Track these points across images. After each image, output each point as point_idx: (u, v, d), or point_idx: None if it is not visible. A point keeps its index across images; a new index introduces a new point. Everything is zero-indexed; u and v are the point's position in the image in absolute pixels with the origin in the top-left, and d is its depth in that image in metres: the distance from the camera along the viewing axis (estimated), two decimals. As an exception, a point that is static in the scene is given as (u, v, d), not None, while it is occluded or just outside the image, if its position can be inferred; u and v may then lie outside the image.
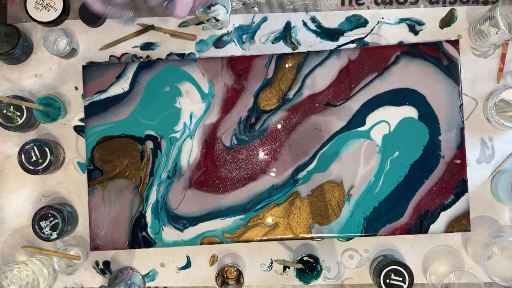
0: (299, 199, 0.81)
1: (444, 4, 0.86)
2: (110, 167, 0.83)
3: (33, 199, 0.87)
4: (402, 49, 0.81)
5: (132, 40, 0.87)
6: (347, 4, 0.86)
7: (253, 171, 0.82)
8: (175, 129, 0.83)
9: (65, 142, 0.87)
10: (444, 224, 0.80)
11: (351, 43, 0.86)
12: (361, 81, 0.81)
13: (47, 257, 0.85)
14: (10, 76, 0.88)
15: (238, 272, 0.83)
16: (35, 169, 0.82)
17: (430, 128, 0.81)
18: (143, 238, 0.82)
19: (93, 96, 0.83)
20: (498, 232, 0.83)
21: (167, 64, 0.83)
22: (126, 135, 0.83)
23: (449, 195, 0.80)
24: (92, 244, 0.82)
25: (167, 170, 0.82)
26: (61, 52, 0.84)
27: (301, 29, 0.86)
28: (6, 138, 0.87)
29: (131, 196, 0.82)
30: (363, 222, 0.80)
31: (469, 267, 0.83)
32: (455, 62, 0.81)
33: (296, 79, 0.82)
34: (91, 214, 0.82)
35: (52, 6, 0.84)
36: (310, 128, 0.82)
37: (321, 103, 0.82)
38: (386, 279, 0.78)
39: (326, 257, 0.85)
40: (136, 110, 0.83)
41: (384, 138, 0.81)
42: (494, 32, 0.77)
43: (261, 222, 0.81)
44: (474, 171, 0.84)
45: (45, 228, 0.81)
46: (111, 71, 0.83)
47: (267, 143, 0.82)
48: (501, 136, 0.84)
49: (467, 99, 0.85)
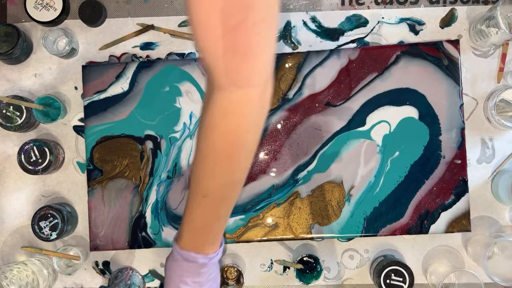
0: (299, 199, 0.81)
1: (444, 4, 0.86)
2: (109, 167, 0.83)
3: (33, 199, 0.87)
4: (403, 49, 0.81)
5: (132, 40, 0.87)
6: (347, 3, 0.86)
7: (253, 171, 0.82)
8: (175, 129, 0.83)
9: (64, 142, 0.87)
10: (444, 224, 0.80)
11: (351, 43, 0.86)
12: (361, 81, 0.81)
13: (47, 257, 0.85)
14: (10, 76, 0.88)
15: (238, 273, 0.83)
16: (34, 169, 0.82)
17: (431, 128, 0.81)
18: (143, 238, 0.82)
19: (92, 96, 0.83)
20: (498, 232, 0.83)
21: (167, 64, 0.83)
22: (126, 135, 0.83)
23: (450, 195, 0.80)
24: (92, 244, 0.82)
25: (167, 170, 0.82)
26: (60, 52, 0.84)
27: (301, 29, 0.86)
28: (5, 138, 0.87)
29: (131, 196, 0.82)
30: (363, 222, 0.80)
31: (470, 267, 0.83)
32: (455, 62, 0.81)
33: (296, 79, 0.82)
34: (91, 214, 0.82)
35: (52, 6, 0.84)
36: (310, 128, 0.82)
37: (321, 103, 0.82)
38: (386, 280, 0.78)
39: (326, 257, 0.85)
40: (135, 110, 0.83)
41: (385, 138, 0.81)
42: (495, 32, 0.77)
43: (261, 222, 0.81)
44: (474, 171, 0.84)
45: (44, 228, 0.81)
46: (110, 71, 0.83)
47: (267, 143, 0.82)
48: (501, 136, 0.84)
49: (467, 99, 0.84)
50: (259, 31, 0.44)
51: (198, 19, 0.43)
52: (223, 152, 0.51)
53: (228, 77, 0.46)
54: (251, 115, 0.49)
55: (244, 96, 0.47)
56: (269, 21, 0.45)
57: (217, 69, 0.46)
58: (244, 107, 0.48)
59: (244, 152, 0.52)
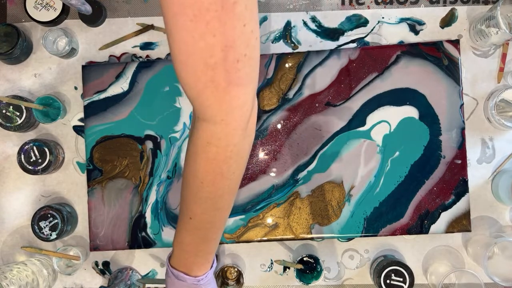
0: (299, 200, 0.81)
1: (444, 3, 0.86)
2: (109, 167, 0.82)
3: (33, 199, 0.86)
4: (403, 49, 0.81)
5: (132, 39, 0.87)
6: (347, 3, 0.86)
7: (253, 171, 0.81)
8: (175, 129, 0.83)
9: (64, 142, 0.87)
10: (444, 224, 0.80)
11: (351, 43, 0.86)
12: (361, 81, 0.81)
13: (47, 257, 0.85)
14: (10, 76, 0.87)
15: (238, 273, 0.83)
16: (34, 169, 0.82)
17: (431, 128, 0.80)
18: (142, 238, 0.82)
19: (92, 96, 0.83)
20: (498, 232, 0.82)
21: (167, 63, 0.83)
22: (126, 135, 0.83)
23: (450, 195, 0.80)
24: (92, 244, 0.82)
25: (167, 170, 0.82)
26: (60, 52, 0.84)
27: (301, 29, 0.86)
28: (5, 138, 0.87)
29: (131, 196, 0.82)
30: (363, 223, 0.80)
31: (470, 267, 0.83)
32: (455, 62, 0.81)
33: (296, 79, 0.82)
34: (91, 214, 0.82)
35: (52, 6, 0.84)
36: (310, 128, 0.82)
37: (321, 103, 0.82)
38: (386, 280, 0.78)
39: (326, 257, 0.84)
40: (135, 110, 0.83)
41: (385, 138, 0.81)
42: (495, 32, 0.77)
43: (261, 223, 0.81)
44: (474, 171, 0.83)
45: (44, 228, 0.81)
46: (110, 71, 0.83)
47: (267, 143, 0.82)
48: (501, 136, 0.84)
49: (467, 99, 0.84)
50: (239, 67, 0.45)
51: (179, 58, 0.44)
52: (206, 179, 0.52)
53: (209, 111, 0.47)
54: (234, 145, 0.50)
55: (225, 127, 0.48)
56: (250, 56, 0.45)
57: (198, 101, 0.47)
58: (226, 137, 0.49)
59: (227, 179, 0.52)
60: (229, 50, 0.43)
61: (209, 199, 0.53)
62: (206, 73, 0.44)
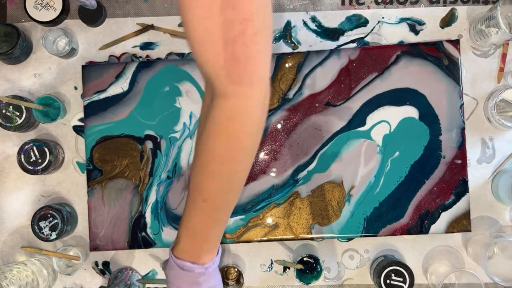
0: (299, 200, 0.81)
1: (444, 3, 0.86)
2: (109, 167, 0.82)
3: (33, 199, 0.86)
4: (403, 49, 0.81)
5: (132, 39, 0.87)
6: (347, 3, 0.86)
7: (253, 171, 0.81)
8: (175, 129, 0.83)
9: (64, 142, 0.87)
10: (444, 224, 0.80)
11: (351, 43, 0.86)
12: (361, 81, 0.81)
13: (47, 257, 0.85)
14: (10, 76, 0.87)
15: (238, 273, 0.83)
16: (34, 169, 0.82)
17: (431, 128, 0.80)
18: (142, 238, 0.82)
19: (92, 96, 0.83)
20: (498, 232, 0.82)
21: (167, 63, 0.83)
22: (126, 135, 0.83)
23: (450, 195, 0.80)
24: (92, 244, 0.82)
25: (167, 170, 0.82)
26: (60, 52, 0.84)
27: (301, 29, 0.86)
28: (5, 138, 0.87)
29: (131, 196, 0.82)
30: (363, 223, 0.80)
31: (470, 267, 0.83)
32: (455, 62, 0.81)
33: (296, 79, 0.82)
34: (91, 214, 0.82)
35: (52, 6, 0.84)
36: (310, 128, 0.82)
37: (321, 103, 0.82)
38: (386, 280, 0.78)
39: (326, 257, 0.84)
40: (135, 110, 0.83)
41: (385, 138, 0.81)
42: (495, 32, 0.77)
43: (261, 223, 0.81)
44: (474, 171, 0.83)
45: (44, 228, 0.81)
46: (110, 71, 0.83)
47: (267, 143, 0.82)
48: (501, 136, 0.84)
49: (467, 99, 0.84)
50: (257, 40, 0.45)
51: (197, 35, 0.45)
52: (227, 156, 0.52)
53: (230, 82, 0.47)
54: (254, 119, 0.50)
55: (248, 101, 0.49)
56: (266, 30, 0.47)
57: (219, 77, 0.47)
58: (247, 112, 0.49)
59: (246, 155, 0.53)
60: (248, 23, 0.44)
61: (228, 177, 0.53)
62: (226, 48, 0.45)
